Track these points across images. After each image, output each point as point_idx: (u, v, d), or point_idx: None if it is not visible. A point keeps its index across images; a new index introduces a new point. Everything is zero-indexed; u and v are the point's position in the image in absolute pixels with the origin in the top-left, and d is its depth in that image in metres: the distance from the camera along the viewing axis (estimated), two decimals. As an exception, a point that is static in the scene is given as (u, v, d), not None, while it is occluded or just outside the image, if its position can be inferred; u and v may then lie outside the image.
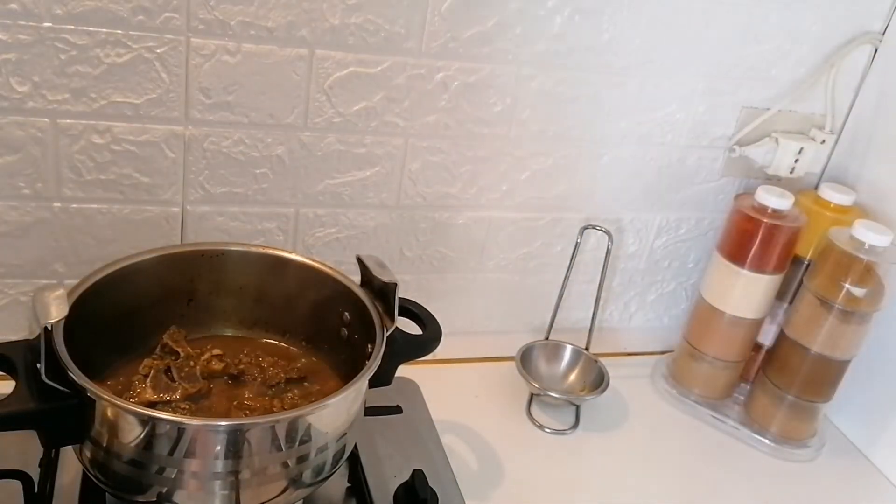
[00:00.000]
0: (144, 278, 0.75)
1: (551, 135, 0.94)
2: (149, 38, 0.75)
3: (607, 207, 1.01)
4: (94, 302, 0.69)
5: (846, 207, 0.96)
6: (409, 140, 0.89)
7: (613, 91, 0.93)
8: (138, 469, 0.61)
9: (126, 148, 0.80)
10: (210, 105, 0.80)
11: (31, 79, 0.74)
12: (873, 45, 1.00)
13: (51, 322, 0.59)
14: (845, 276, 0.88)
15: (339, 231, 0.92)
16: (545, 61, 0.89)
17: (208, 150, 0.83)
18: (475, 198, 0.95)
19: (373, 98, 0.85)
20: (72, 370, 0.60)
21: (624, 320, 1.12)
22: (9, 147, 0.77)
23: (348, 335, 0.77)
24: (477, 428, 0.90)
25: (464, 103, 0.88)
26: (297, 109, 0.83)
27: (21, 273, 0.83)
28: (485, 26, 0.85)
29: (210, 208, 0.86)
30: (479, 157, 0.92)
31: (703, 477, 0.90)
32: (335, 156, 0.87)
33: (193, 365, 0.74)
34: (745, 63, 0.96)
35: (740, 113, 1.00)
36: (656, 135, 0.98)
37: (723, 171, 1.03)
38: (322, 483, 0.69)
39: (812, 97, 1.01)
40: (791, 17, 0.95)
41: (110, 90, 0.77)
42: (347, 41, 0.81)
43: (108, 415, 0.60)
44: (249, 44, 0.79)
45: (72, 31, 0.73)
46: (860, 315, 0.90)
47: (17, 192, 0.79)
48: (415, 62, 0.84)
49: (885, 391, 0.97)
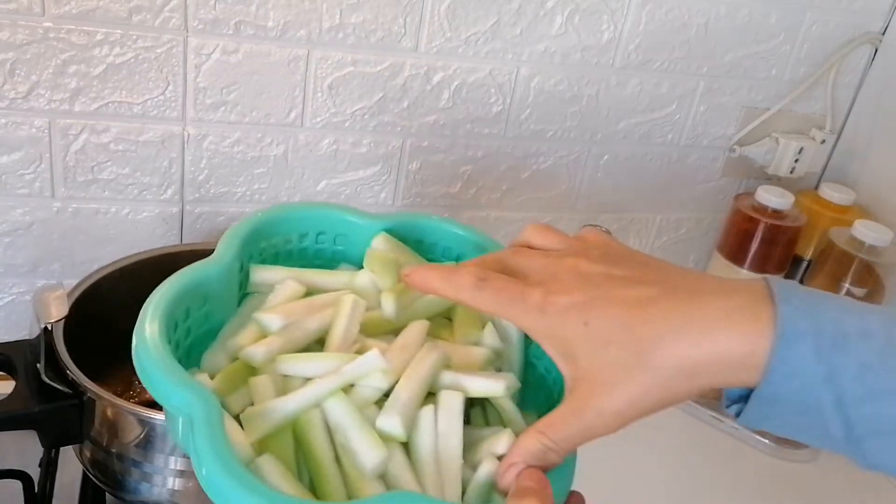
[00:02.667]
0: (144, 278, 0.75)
1: (551, 135, 0.94)
2: (148, 37, 0.75)
3: (607, 207, 1.01)
4: (94, 302, 0.69)
5: (846, 207, 0.96)
6: (408, 140, 0.89)
7: (613, 91, 0.93)
8: (138, 469, 0.61)
9: (125, 148, 0.80)
10: (209, 105, 0.80)
11: (30, 78, 0.74)
12: (873, 45, 1.00)
13: (51, 322, 0.59)
14: (845, 276, 0.88)
15: (338, 231, 0.91)
16: (545, 61, 0.89)
17: (207, 149, 0.82)
18: (475, 198, 0.95)
19: (372, 98, 0.85)
20: (72, 370, 0.60)
21: (624, 320, 1.12)
22: (8, 147, 0.77)
23: (348, 335, 0.77)
24: (477, 428, 0.90)
25: (464, 103, 0.88)
26: (297, 109, 0.83)
27: (20, 273, 0.83)
28: (485, 26, 0.85)
29: (209, 208, 0.86)
30: (479, 157, 0.92)
31: (703, 477, 0.90)
32: (335, 156, 0.87)
33: (193, 365, 0.74)
34: (745, 63, 0.96)
35: (740, 113, 1.00)
36: (656, 135, 0.98)
37: (723, 170, 1.03)
38: (322, 483, 0.69)
39: (812, 97, 1.01)
40: (791, 16, 0.95)
41: (109, 90, 0.77)
42: (347, 41, 0.81)
43: (109, 415, 0.60)
44: (248, 43, 0.79)
45: (71, 30, 0.73)
46: (860, 315, 0.90)
47: (16, 191, 0.79)
48: (414, 62, 0.84)
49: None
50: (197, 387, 0.40)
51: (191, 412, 0.39)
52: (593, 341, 0.40)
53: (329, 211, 0.55)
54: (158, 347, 0.42)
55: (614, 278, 0.41)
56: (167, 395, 0.41)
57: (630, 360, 0.39)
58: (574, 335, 0.40)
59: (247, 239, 0.51)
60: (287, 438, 0.43)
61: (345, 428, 0.42)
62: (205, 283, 0.49)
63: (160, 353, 0.42)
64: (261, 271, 0.52)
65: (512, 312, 0.42)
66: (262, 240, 0.53)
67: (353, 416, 0.42)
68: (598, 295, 0.40)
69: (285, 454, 0.42)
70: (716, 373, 0.38)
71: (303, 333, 0.47)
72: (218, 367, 0.47)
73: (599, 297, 0.40)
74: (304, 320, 0.47)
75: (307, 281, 0.51)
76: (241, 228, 0.52)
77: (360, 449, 0.41)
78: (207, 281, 0.49)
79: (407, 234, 0.55)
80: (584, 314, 0.40)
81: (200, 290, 0.49)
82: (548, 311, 0.40)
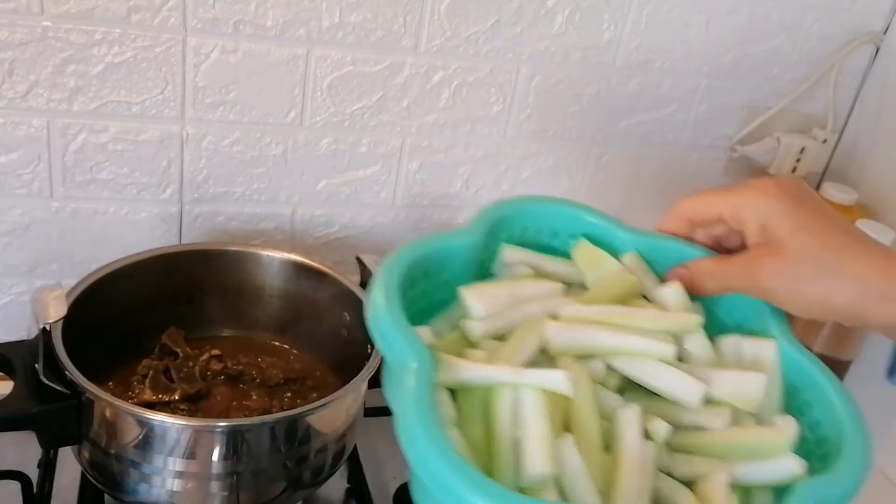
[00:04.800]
0: (143, 279, 0.75)
1: (551, 135, 0.93)
2: (147, 36, 0.75)
3: (608, 207, 1.00)
4: (92, 302, 0.69)
5: (848, 207, 0.96)
6: (408, 140, 0.88)
7: (613, 91, 0.93)
8: (137, 470, 0.61)
9: (124, 147, 0.80)
10: (208, 104, 0.80)
11: (29, 78, 0.74)
12: (875, 44, 1.00)
13: (49, 322, 0.59)
14: (847, 275, 0.88)
15: (338, 231, 0.91)
16: (545, 61, 0.89)
17: (206, 149, 0.82)
18: (475, 198, 0.94)
19: (372, 97, 0.85)
20: (70, 371, 0.59)
21: (624, 320, 1.12)
22: (6, 146, 0.76)
23: (348, 335, 0.77)
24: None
25: (464, 103, 0.88)
26: (296, 108, 0.83)
27: (19, 273, 0.83)
28: (485, 25, 0.84)
29: (208, 208, 0.85)
30: (479, 157, 0.92)
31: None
32: (334, 155, 0.87)
33: (192, 365, 0.74)
34: (746, 62, 0.96)
35: (742, 112, 0.99)
36: (657, 135, 0.98)
37: (724, 170, 1.03)
38: (322, 483, 0.69)
39: (814, 96, 1.01)
40: (792, 16, 0.95)
41: (108, 89, 0.76)
42: (346, 40, 0.81)
43: (107, 415, 0.60)
44: (247, 43, 0.78)
45: (70, 29, 0.73)
46: (861, 315, 0.90)
47: (15, 191, 0.79)
48: (414, 61, 0.84)
49: (885, 392, 0.96)
50: (418, 342, 0.44)
51: (406, 362, 0.43)
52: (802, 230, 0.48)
53: (589, 217, 0.58)
54: (391, 295, 0.46)
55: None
56: (390, 344, 0.45)
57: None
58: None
59: (500, 221, 0.55)
60: (478, 409, 0.45)
61: (525, 426, 0.44)
62: (449, 251, 0.52)
63: (392, 301, 0.46)
64: (511, 251, 0.56)
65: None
66: (514, 226, 0.56)
67: (537, 419, 0.44)
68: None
69: (474, 426, 0.45)
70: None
71: (519, 320, 0.50)
72: (442, 334, 0.50)
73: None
74: (513, 311, 0.51)
75: (538, 266, 0.55)
76: (497, 209, 0.56)
77: (530, 453, 0.43)
78: (452, 250, 0.53)
79: (657, 257, 0.57)
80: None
81: (443, 257, 0.52)
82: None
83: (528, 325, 0.50)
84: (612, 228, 0.58)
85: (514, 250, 0.56)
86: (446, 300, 0.53)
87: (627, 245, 0.57)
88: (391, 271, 0.48)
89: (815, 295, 0.48)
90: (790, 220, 0.48)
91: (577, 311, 0.51)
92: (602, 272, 0.55)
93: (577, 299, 0.53)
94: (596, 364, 0.49)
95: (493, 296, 0.51)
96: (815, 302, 0.48)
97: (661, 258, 0.56)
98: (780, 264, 0.48)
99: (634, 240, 0.57)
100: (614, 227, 0.58)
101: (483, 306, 0.50)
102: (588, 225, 0.58)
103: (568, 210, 0.59)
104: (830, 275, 0.47)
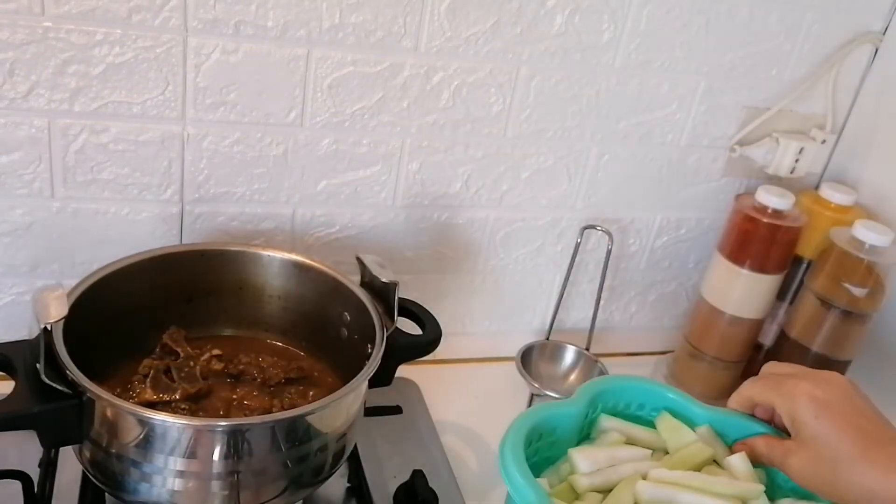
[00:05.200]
0: (144, 278, 0.75)
1: (551, 135, 0.94)
2: (147, 37, 0.75)
3: (607, 207, 1.01)
4: (93, 302, 0.69)
5: (847, 207, 0.96)
6: (408, 140, 0.89)
7: (613, 91, 0.93)
8: (138, 469, 0.61)
9: (125, 148, 0.80)
10: (209, 104, 0.80)
11: (30, 78, 0.74)
12: (874, 44, 1.00)
13: (50, 322, 0.59)
14: (846, 276, 0.88)
15: (338, 231, 0.91)
16: (545, 61, 0.89)
17: (207, 149, 0.82)
18: (475, 198, 0.95)
19: (372, 98, 0.85)
20: (71, 370, 0.60)
21: (624, 320, 1.12)
22: (7, 146, 0.76)
23: (348, 335, 0.77)
24: (477, 428, 0.90)
25: (463, 103, 0.88)
26: (296, 109, 0.83)
27: (20, 273, 0.83)
28: (485, 26, 0.85)
29: (209, 208, 0.86)
30: (478, 157, 0.92)
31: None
32: (334, 156, 0.87)
33: (193, 365, 0.74)
34: (745, 63, 0.96)
35: (741, 113, 1.00)
36: (656, 135, 0.98)
37: (723, 171, 1.03)
38: (322, 483, 0.69)
39: (813, 97, 1.01)
40: (791, 16, 0.95)
41: (109, 90, 0.77)
42: (346, 40, 0.81)
43: (108, 415, 0.60)
44: (248, 43, 0.78)
45: (71, 30, 0.73)
46: (860, 315, 0.90)
47: (16, 191, 0.79)
48: (414, 62, 0.84)
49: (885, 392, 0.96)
50: (539, 489, 0.58)
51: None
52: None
53: (670, 395, 0.72)
54: (518, 453, 0.60)
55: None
56: (519, 488, 0.58)
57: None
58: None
59: (599, 395, 0.70)
60: None
61: None
62: (558, 417, 0.67)
63: (519, 457, 0.59)
64: (607, 420, 0.70)
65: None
66: (609, 399, 0.71)
67: None
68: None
69: None
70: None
71: (615, 478, 0.64)
72: (553, 485, 0.64)
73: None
74: (610, 470, 0.64)
75: (628, 433, 0.69)
76: (597, 385, 0.70)
77: None
78: (561, 416, 0.67)
79: (726, 430, 0.70)
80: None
81: (554, 422, 0.66)
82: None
83: (625, 483, 0.62)
84: (689, 405, 0.71)
85: (609, 419, 0.70)
86: (552, 457, 0.67)
87: (701, 419, 0.70)
88: (517, 431, 0.62)
89: (832, 496, 0.60)
90: (809, 428, 0.61)
91: (663, 474, 0.63)
92: (681, 441, 0.68)
93: (661, 463, 0.66)
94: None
95: (596, 456, 0.65)
96: (833, 498, 0.60)
97: (729, 430, 0.69)
98: (802, 463, 0.61)
99: (707, 414, 0.70)
100: (691, 404, 0.71)
101: (588, 464, 0.64)
102: (669, 401, 0.71)
103: (653, 388, 0.72)
104: (842, 482, 0.58)
